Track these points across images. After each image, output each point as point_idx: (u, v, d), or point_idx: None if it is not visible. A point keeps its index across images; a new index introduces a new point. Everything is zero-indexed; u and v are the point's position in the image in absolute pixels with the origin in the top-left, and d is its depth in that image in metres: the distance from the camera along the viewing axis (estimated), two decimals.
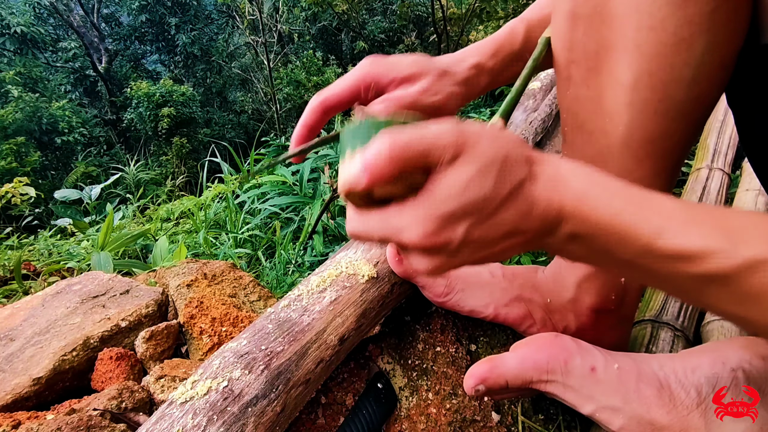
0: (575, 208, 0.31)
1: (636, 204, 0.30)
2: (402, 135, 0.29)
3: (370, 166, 0.29)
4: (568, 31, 0.42)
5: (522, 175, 0.31)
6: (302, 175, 1.92)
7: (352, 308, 0.52)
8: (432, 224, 0.30)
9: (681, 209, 0.30)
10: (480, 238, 0.31)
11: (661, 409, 0.42)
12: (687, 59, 0.36)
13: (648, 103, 0.39)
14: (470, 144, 0.30)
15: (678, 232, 0.29)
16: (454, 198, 0.29)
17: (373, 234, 0.32)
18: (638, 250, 0.30)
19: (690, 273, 0.29)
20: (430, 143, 0.29)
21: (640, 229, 0.29)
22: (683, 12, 0.35)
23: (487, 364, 0.47)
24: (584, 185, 0.31)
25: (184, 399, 0.40)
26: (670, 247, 0.29)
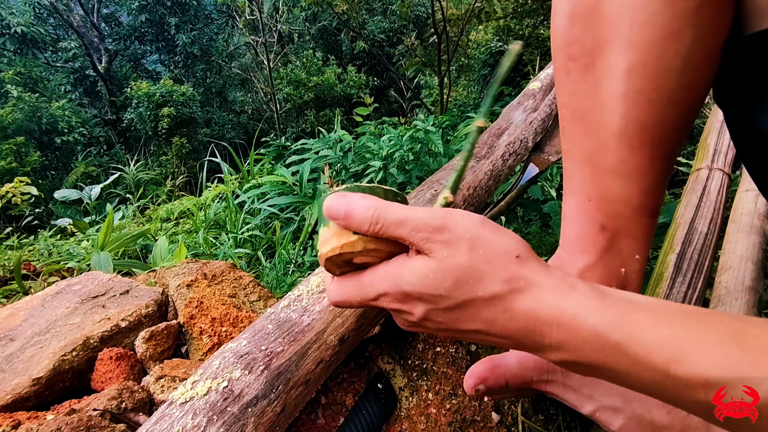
0: (568, 339, 0.30)
1: (641, 331, 0.28)
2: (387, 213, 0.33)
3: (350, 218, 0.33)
4: (566, 31, 0.44)
5: (494, 290, 0.32)
6: (302, 175, 1.92)
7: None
8: (396, 294, 0.34)
9: (693, 329, 0.28)
10: (442, 323, 0.34)
11: (662, 409, 0.42)
12: (677, 50, 0.38)
13: (642, 93, 0.41)
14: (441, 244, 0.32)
15: (693, 358, 0.27)
16: (411, 283, 0.33)
17: (353, 300, 0.36)
18: (652, 378, 0.28)
19: (712, 401, 0.27)
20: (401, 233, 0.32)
21: (650, 358, 0.28)
22: (672, 7, 0.37)
23: (487, 363, 0.47)
24: (581, 313, 0.30)
25: (184, 399, 0.40)
26: (685, 375, 0.27)
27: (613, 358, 0.29)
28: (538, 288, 0.31)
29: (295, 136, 7.28)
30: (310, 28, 8.88)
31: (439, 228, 0.32)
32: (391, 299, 0.34)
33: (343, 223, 0.33)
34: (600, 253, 0.51)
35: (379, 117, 3.55)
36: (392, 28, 8.52)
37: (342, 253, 0.34)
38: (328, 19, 8.57)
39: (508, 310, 0.31)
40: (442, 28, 4.10)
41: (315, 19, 8.77)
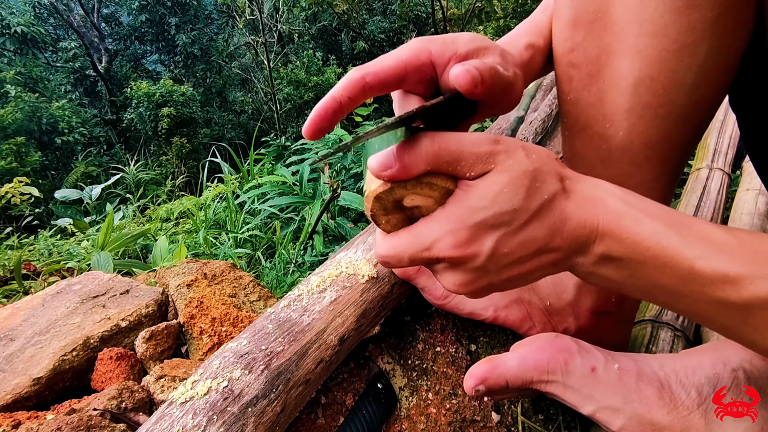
0: (612, 228, 0.31)
1: (677, 227, 0.30)
2: (440, 134, 0.30)
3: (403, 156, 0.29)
4: (569, 36, 0.42)
5: (553, 189, 0.31)
6: (302, 175, 1.92)
7: (352, 308, 0.52)
8: (461, 234, 0.30)
9: (722, 233, 0.30)
10: (509, 254, 0.31)
11: (662, 410, 0.42)
12: (689, 65, 0.36)
13: (648, 108, 0.39)
14: (502, 156, 0.30)
15: (719, 256, 0.28)
16: (484, 208, 0.30)
17: (403, 253, 0.32)
18: (677, 275, 0.29)
19: (731, 298, 0.28)
20: (466, 147, 0.30)
21: (682, 252, 0.29)
22: (686, 19, 0.35)
23: (488, 364, 0.47)
24: (622, 206, 0.31)
25: (184, 399, 0.40)
26: (710, 270, 0.28)
27: (648, 248, 0.30)
28: (582, 182, 0.32)
29: (295, 136, 7.28)
30: (310, 28, 8.88)
31: (495, 140, 0.31)
32: (452, 244, 0.31)
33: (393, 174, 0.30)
34: None
35: (379, 117, 3.55)
36: (392, 28, 8.51)
37: (393, 188, 0.31)
38: (328, 19, 8.57)
39: (563, 210, 0.31)
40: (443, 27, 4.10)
41: (315, 19, 8.77)
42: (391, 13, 8.50)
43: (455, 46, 0.35)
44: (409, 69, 0.35)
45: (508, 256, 0.31)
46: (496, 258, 0.31)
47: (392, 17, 8.48)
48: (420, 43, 0.35)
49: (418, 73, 0.35)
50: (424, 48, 0.35)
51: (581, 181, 0.32)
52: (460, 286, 0.33)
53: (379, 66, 0.34)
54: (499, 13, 4.27)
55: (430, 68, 0.35)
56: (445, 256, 0.31)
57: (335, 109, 0.33)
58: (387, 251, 0.33)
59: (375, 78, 0.34)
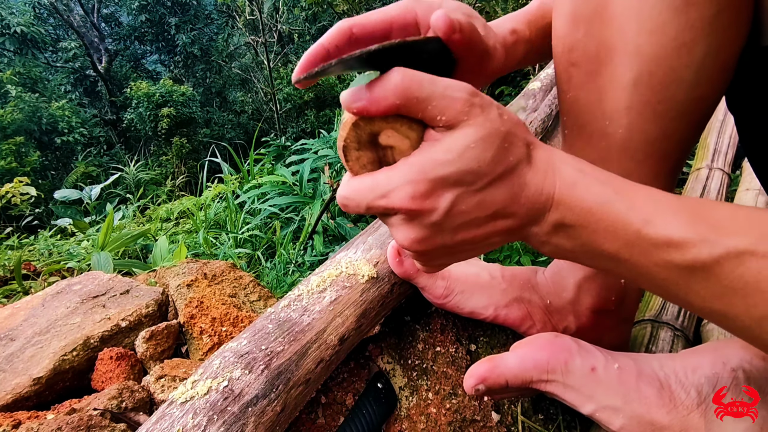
0: (565, 196, 0.31)
1: (626, 194, 0.31)
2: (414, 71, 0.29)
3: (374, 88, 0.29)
4: (568, 33, 0.42)
5: (519, 154, 0.31)
6: (302, 175, 1.92)
7: (352, 308, 0.52)
8: (420, 186, 0.30)
9: (670, 200, 0.31)
10: (466, 212, 0.31)
11: (662, 409, 0.42)
12: (688, 62, 0.36)
13: (647, 105, 0.39)
14: (479, 109, 0.29)
15: (665, 220, 0.29)
16: (449, 162, 0.29)
17: (363, 199, 0.32)
18: (626, 239, 0.30)
19: (674, 260, 0.29)
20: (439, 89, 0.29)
21: (629, 218, 0.30)
22: (685, 17, 0.35)
23: (487, 363, 0.47)
24: (575, 174, 0.32)
25: (185, 399, 0.40)
26: (654, 234, 0.29)
27: (598, 215, 0.31)
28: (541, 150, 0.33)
29: (295, 136, 7.29)
30: (310, 28, 8.87)
31: (473, 91, 0.30)
32: (410, 195, 0.30)
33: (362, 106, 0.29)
34: None
35: None
36: None
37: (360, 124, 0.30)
38: (328, 19, 8.57)
39: (522, 176, 0.31)
40: None
41: (315, 19, 8.76)
42: None
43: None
44: (394, 26, 0.36)
45: (465, 215, 0.31)
46: (452, 215, 0.31)
47: None
48: (408, 3, 0.37)
49: (403, 32, 0.37)
50: (410, 8, 0.37)
51: (541, 149, 0.33)
52: (413, 242, 0.33)
53: (366, 19, 0.36)
54: (499, 13, 4.28)
55: (415, 28, 0.37)
56: (401, 207, 0.30)
57: (323, 55, 0.34)
58: (348, 193, 0.33)
59: (361, 29, 0.35)
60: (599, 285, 0.52)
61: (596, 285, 0.52)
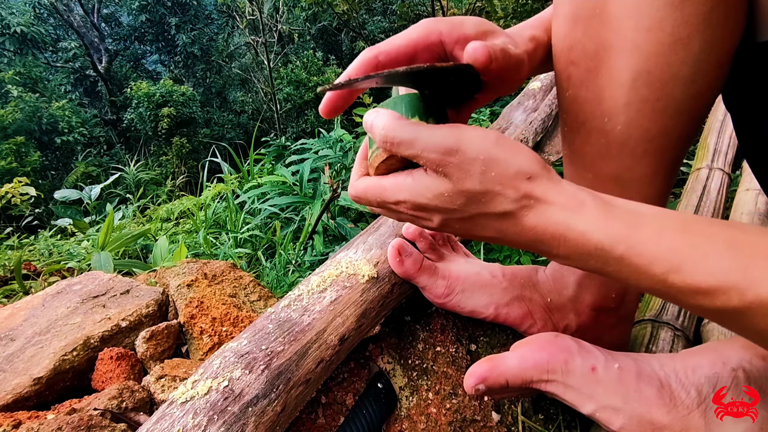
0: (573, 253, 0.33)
1: (644, 244, 0.30)
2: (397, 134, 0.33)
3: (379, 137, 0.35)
4: (568, 33, 0.42)
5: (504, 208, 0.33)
6: (302, 175, 1.92)
7: (352, 308, 0.52)
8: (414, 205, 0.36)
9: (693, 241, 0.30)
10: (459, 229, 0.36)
11: (662, 409, 0.42)
12: (684, 58, 0.37)
13: (646, 102, 0.39)
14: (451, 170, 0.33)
15: (689, 268, 0.29)
16: (427, 198, 0.35)
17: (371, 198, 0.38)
18: (651, 285, 0.31)
19: (705, 306, 0.30)
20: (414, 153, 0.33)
21: (650, 269, 0.30)
22: (680, 13, 0.35)
23: (488, 363, 0.47)
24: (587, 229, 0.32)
25: (185, 399, 0.40)
26: (681, 283, 0.29)
27: (616, 268, 0.31)
28: (546, 206, 0.33)
29: (295, 136, 7.28)
30: (310, 28, 8.88)
31: (450, 150, 0.33)
32: (409, 208, 0.36)
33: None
34: None
35: None
36: (392, 28, 8.51)
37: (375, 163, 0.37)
38: (329, 19, 8.57)
39: (518, 224, 0.33)
40: None
41: (315, 19, 8.76)
42: (391, 13, 8.49)
43: (463, 28, 0.37)
44: (419, 48, 0.37)
45: (459, 229, 0.36)
46: (448, 227, 0.36)
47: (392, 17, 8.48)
48: (430, 23, 0.38)
49: (428, 52, 0.38)
50: (433, 28, 0.37)
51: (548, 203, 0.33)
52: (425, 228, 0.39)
53: (390, 45, 0.37)
54: (499, 13, 4.27)
55: (440, 48, 0.38)
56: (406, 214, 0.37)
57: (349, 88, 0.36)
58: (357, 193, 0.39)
59: (387, 57, 0.37)
60: (600, 282, 0.52)
61: (597, 282, 0.52)
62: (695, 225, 0.31)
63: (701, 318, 0.75)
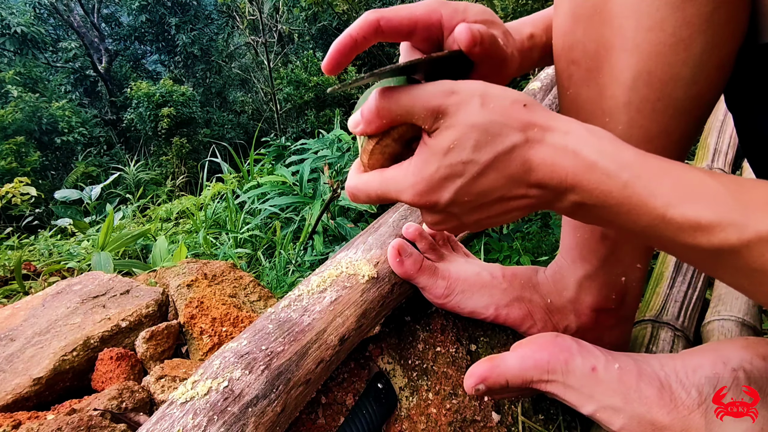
0: (582, 179, 0.31)
1: (650, 175, 0.30)
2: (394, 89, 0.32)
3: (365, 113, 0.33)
4: (569, 32, 0.42)
5: (510, 142, 0.32)
6: (302, 176, 1.92)
7: (352, 308, 0.52)
8: (420, 186, 0.33)
9: (699, 179, 0.30)
10: (471, 201, 0.34)
11: (662, 409, 0.42)
12: (685, 59, 0.37)
13: (646, 102, 0.39)
14: (452, 109, 0.32)
15: (692, 203, 0.29)
16: (436, 162, 0.32)
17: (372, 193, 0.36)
18: (649, 221, 0.30)
19: (701, 244, 0.29)
20: (412, 104, 0.32)
21: (652, 202, 0.30)
22: (682, 13, 0.35)
23: (488, 363, 0.47)
24: (594, 155, 0.31)
25: (185, 399, 0.40)
26: (680, 218, 0.29)
27: (618, 199, 0.30)
28: (552, 132, 0.32)
29: (295, 136, 7.28)
30: (310, 28, 8.87)
31: (447, 91, 0.32)
32: (414, 194, 0.34)
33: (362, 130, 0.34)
34: (600, 262, 0.51)
35: None
36: None
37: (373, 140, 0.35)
38: (328, 19, 8.57)
39: (527, 161, 0.32)
40: None
41: (315, 19, 8.76)
42: None
43: (465, 14, 0.38)
44: (419, 25, 0.37)
45: (471, 202, 0.34)
46: (458, 204, 0.34)
47: None
48: (434, 4, 0.38)
49: (426, 31, 0.38)
50: (436, 10, 0.37)
51: (552, 130, 0.32)
52: (431, 224, 0.37)
53: (393, 13, 0.37)
54: (499, 13, 4.28)
55: (438, 29, 0.38)
56: (410, 203, 0.35)
57: (351, 45, 0.36)
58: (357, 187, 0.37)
59: (388, 23, 0.37)
60: (600, 283, 0.52)
61: (597, 283, 0.52)
62: (700, 170, 0.31)
63: (701, 318, 0.75)
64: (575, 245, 0.52)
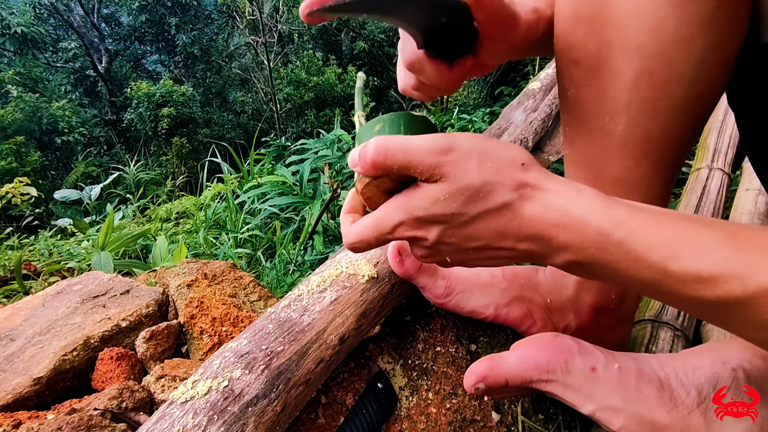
0: (574, 238, 0.31)
1: (642, 229, 0.30)
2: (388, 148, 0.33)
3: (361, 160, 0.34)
4: (570, 32, 0.42)
5: (506, 198, 0.32)
6: (302, 175, 1.92)
7: (352, 308, 0.52)
8: (410, 222, 0.34)
9: (698, 228, 0.29)
10: (456, 243, 0.34)
11: (662, 409, 0.42)
12: (686, 57, 0.37)
13: (647, 101, 0.39)
14: (448, 168, 0.32)
15: (688, 255, 0.28)
16: (424, 209, 0.33)
17: (369, 236, 0.37)
18: (651, 276, 0.30)
19: (706, 296, 0.28)
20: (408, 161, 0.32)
21: (649, 256, 0.29)
22: (683, 12, 0.35)
23: (487, 362, 0.47)
24: (586, 214, 0.31)
25: (185, 399, 0.40)
26: (681, 271, 0.28)
27: (615, 256, 0.30)
28: (545, 193, 0.32)
29: (295, 136, 7.27)
30: (310, 28, 8.86)
31: (445, 149, 0.32)
32: (406, 227, 0.35)
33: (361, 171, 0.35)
34: None
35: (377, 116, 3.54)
36: (392, 29, 8.51)
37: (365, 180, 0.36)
38: None
39: (517, 217, 0.32)
40: None
41: None
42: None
43: None
44: None
45: (457, 245, 0.35)
46: (443, 243, 0.35)
47: None
48: None
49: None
50: None
51: (544, 190, 0.32)
52: (419, 257, 0.38)
53: None
54: None
55: None
56: (402, 237, 0.36)
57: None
58: (354, 238, 0.37)
59: None
60: (599, 283, 0.52)
61: (596, 283, 0.52)
62: (696, 218, 0.30)
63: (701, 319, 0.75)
64: None
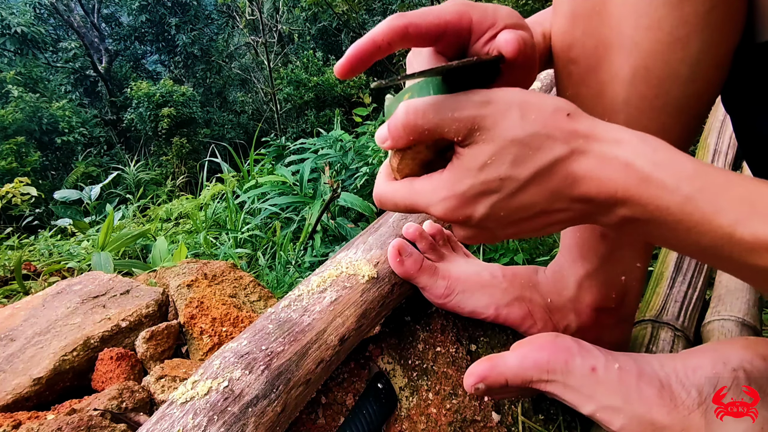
0: (634, 195, 0.29)
1: (713, 188, 0.27)
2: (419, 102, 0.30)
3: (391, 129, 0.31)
4: (568, 31, 0.42)
5: (554, 155, 0.29)
6: (302, 175, 1.92)
7: (352, 308, 0.52)
8: (451, 202, 0.31)
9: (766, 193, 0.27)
10: (507, 216, 0.31)
11: (662, 409, 0.42)
12: (683, 57, 0.37)
13: (645, 100, 0.39)
14: (489, 122, 0.29)
15: (762, 220, 0.26)
16: (471, 178, 0.30)
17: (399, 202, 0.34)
18: (713, 241, 0.27)
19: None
20: (441, 119, 0.29)
21: (716, 219, 0.27)
22: (679, 12, 0.35)
23: (487, 362, 0.47)
24: (648, 168, 0.28)
25: (185, 399, 0.40)
26: (751, 237, 0.26)
27: (677, 216, 0.28)
28: (600, 143, 0.30)
29: (295, 136, 7.28)
30: (310, 28, 8.87)
31: (483, 102, 0.30)
32: (444, 209, 0.32)
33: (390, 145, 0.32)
34: (600, 261, 0.51)
35: (379, 117, 3.55)
36: None
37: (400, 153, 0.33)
38: (328, 19, 8.57)
39: (571, 174, 0.30)
40: None
41: (315, 20, 8.76)
42: (391, 14, 8.48)
43: (495, 18, 0.35)
44: (448, 29, 0.35)
45: (507, 217, 0.32)
46: (492, 219, 0.32)
47: None
48: (463, 7, 0.35)
49: (455, 36, 0.35)
50: (466, 12, 0.35)
51: (599, 140, 0.30)
52: (463, 238, 0.35)
53: (422, 19, 0.34)
54: None
55: (467, 33, 0.35)
56: (440, 218, 0.33)
57: (372, 51, 0.33)
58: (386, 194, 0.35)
59: (416, 30, 0.34)
60: (600, 283, 0.52)
61: (597, 283, 0.52)
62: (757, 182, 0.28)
63: (701, 318, 0.75)
64: (575, 244, 0.52)
